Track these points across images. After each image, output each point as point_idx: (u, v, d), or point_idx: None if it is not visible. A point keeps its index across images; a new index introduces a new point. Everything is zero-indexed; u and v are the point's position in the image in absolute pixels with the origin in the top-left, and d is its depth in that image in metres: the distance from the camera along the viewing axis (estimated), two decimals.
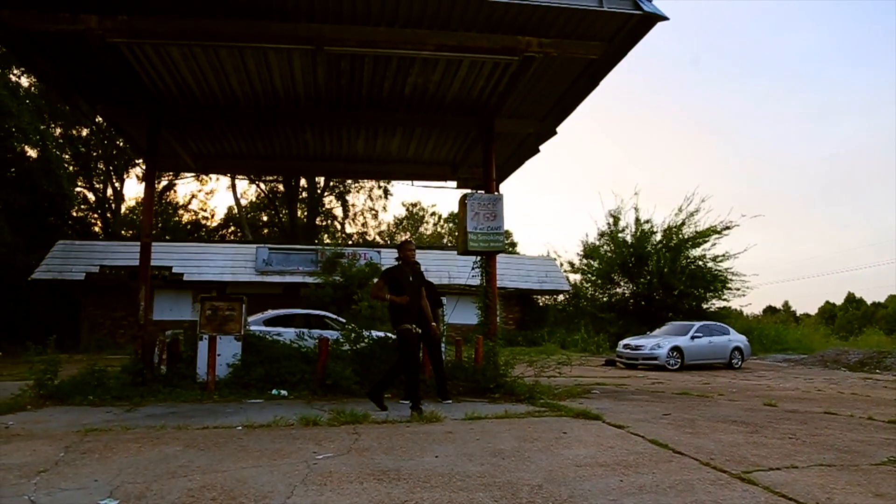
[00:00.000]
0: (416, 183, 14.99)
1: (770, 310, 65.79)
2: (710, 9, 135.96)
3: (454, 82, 9.78)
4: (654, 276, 26.56)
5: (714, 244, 26.71)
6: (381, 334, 10.43)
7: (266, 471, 4.07)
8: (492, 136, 10.77)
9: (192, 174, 35.22)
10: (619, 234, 28.74)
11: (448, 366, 9.47)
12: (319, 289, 23.81)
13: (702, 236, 26.69)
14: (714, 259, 26.76)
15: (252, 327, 12.63)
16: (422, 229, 59.99)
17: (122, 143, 31.21)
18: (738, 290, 26.76)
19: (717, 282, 26.56)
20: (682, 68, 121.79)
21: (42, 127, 24.95)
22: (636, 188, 40.58)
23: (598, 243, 29.87)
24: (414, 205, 59.16)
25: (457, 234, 11.87)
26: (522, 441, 5.24)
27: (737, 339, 19.31)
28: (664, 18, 7.56)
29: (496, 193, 10.55)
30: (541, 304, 33.37)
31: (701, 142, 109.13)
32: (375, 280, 7.61)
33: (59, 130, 29.25)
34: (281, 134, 11.93)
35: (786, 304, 75.34)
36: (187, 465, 4.25)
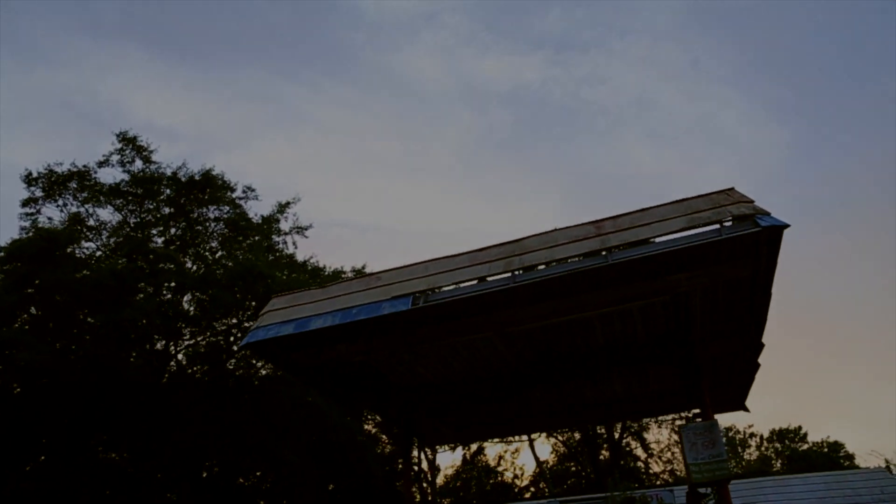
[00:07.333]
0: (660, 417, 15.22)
1: None
2: None
3: (636, 325, 10.76)
4: None
5: None
6: None
7: None
8: (695, 362, 11.11)
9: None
10: None
11: None
12: None
13: None
14: None
15: None
16: (745, 455, 54.18)
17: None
18: None
19: None
20: None
21: (346, 419, 30.26)
22: None
23: None
24: (729, 429, 54.11)
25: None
26: None
27: None
28: (785, 227, 7.91)
29: (711, 420, 10.57)
30: None
31: None
32: None
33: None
34: (510, 398, 13.53)
35: None
36: None
